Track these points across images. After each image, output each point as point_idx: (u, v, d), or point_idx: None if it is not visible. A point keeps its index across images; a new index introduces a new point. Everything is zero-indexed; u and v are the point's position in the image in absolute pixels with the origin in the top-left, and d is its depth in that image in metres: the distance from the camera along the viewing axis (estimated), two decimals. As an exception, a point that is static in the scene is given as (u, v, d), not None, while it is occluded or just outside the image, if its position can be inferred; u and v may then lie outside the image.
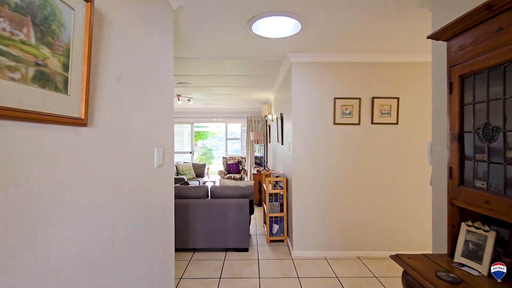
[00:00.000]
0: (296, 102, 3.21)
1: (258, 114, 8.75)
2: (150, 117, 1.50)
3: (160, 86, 1.65)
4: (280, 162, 4.56)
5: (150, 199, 1.49)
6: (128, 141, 1.23)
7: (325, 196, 3.22)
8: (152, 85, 1.52)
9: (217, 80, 4.61)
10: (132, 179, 1.28)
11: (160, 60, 1.64)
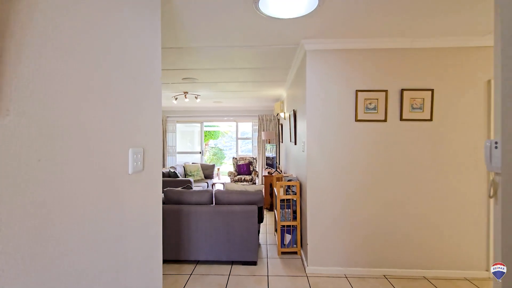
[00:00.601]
0: (311, 96, 2.80)
1: (269, 112, 8.36)
2: (121, 110, 1.14)
3: (139, 71, 1.30)
4: (293, 163, 4.15)
5: (120, 214, 1.14)
6: (75, 138, 0.88)
7: (346, 204, 2.79)
8: (124, 70, 1.17)
9: (225, 74, 4.26)
10: (80, 191, 0.92)
11: (134, 34, 1.28)
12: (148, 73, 1.39)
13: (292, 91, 4.23)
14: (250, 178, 6.97)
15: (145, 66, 1.37)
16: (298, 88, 3.48)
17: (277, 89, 5.47)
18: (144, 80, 1.35)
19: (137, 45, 1.29)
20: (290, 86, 4.51)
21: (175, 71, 4.03)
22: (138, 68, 1.29)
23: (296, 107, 3.71)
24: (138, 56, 1.29)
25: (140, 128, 1.30)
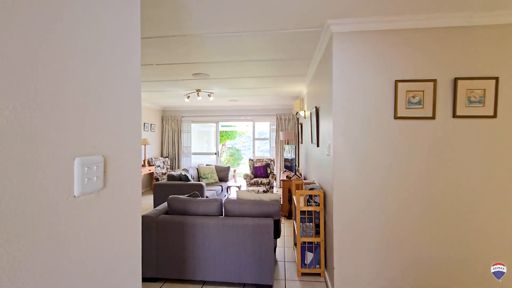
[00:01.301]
0: (338, 89, 2.31)
1: (288, 111, 7.87)
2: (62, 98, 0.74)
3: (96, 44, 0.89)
4: (315, 168, 3.65)
5: (56, 260, 0.73)
6: None
7: (383, 219, 2.27)
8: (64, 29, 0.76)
9: (239, 68, 3.85)
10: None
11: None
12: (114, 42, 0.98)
13: (314, 86, 3.74)
14: (267, 182, 6.52)
15: (111, 30, 0.96)
16: (322, 82, 2.99)
17: (296, 85, 4.99)
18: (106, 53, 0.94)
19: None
20: (311, 80, 4.02)
21: (184, 65, 3.67)
22: (94, 30, 0.88)
23: (319, 103, 3.22)
24: (97, 21, 0.89)
25: (99, 125, 0.90)
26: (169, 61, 3.48)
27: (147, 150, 7.31)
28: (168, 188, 4.68)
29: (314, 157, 3.75)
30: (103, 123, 0.92)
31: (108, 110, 0.95)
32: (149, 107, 7.55)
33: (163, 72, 4.04)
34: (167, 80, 4.57)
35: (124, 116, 1.03)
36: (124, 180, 1.04)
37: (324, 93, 2.81)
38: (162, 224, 2.63)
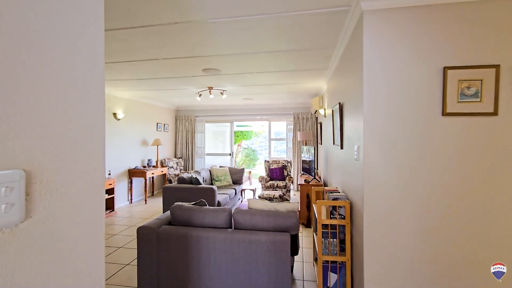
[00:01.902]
0: (370, 81, 1.90)
1: (306, 110, 7.43)
2: None
3: None
4: (338, 173, 3.23)
5: None
6: None
7: (429, 238, 1.84)
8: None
9: (252, 62, 3.49)
10: None
11: None
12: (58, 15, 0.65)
13: (336, 80, 3.32)
14: (284, 185, 6.12)
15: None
16: (346, 74, 2.58)
17: (315, 80, 4.57)
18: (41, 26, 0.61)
19: None
20: (333, 74, 3.59)
21: (192, 60, 3.37)
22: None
23: (343, 99, 2.80)
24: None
25: (20, 122, 0.57)
26: (175, 55, 3.18)
27: (160, 150, 7.13)
28: (178, 192, 4.41)
29: (336, 161, 3.32)
30: (28, 119, 0.59)
31: (40, 100, 0.61)
32: (162, 107, 7.38)
33: (171, 68, 3.76)
34: (177, 77, 4.30)
35: (73, 110, 0.70)
36: (70, 205, 0.70)
37: (350, 87, 2.40)
38: (163, 236, 2.32)
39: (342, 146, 2.84)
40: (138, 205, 5.86)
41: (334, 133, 3.37)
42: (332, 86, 3.74)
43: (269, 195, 5.03)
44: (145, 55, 3.19)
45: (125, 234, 4.00)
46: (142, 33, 2.54)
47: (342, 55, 2.84)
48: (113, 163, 5.46)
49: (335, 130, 3.26)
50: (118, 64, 3.56)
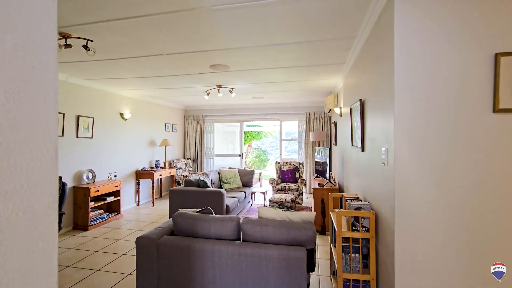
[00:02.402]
0: (403, 71, 1.60)
1: (319, 109, 7.11)
2: None
3: None
4: (358, 177, 2.92)
5: None
6: None
7: (476, 261, 1.52)
8: None
9: (262, 57, 3.23)
10: None
11: None
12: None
13: (356, 74, 3.02)
14: (296, 188, 5.83)
15: None
16: (370, 66, 2.28)
17: (330, 76, 4.26)
18: None
19: None
20: (352, 68, 3.28)
21: (199, 55, 3.14)
22: None
23: (365, 95, 2.50)
24: None
25: None
26: (180, 50, 2.96)
27: (168, 151, 6.97)
28: (185, 195, 4.20)
29: (355, 164, 3.02)
30: None
31: None
32: (171, 106, 7.22)
33: (177, 64, 3.55)
34: (183, 75, 4.09)
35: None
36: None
37: (375, 81, 2.10)
38: (164, 248, 2.09)
39: (364, 148, 2.54)
40: (145, 207, 5.70)
41: (353, 133, 3.07)
42: (351, 82, 3.43)
43: (280, 199, 4.75)
44: (149, 50, 2.99)
45: (130, 240, 3.81)
46: (144, 25, 2.33)
47: (363, 46, 2.54)
48: (119, 164, 5.32)
49: (355, 130, 2.96)
50: (122, 61, 3.37)
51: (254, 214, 5.13)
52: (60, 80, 4.07)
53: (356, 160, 2.99)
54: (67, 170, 4.21)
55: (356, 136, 2.88)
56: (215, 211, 4.10)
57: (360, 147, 2.64)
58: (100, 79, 4.34)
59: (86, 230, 4.19)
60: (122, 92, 5.36)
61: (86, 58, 3.25)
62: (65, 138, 4.16)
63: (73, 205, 4.29)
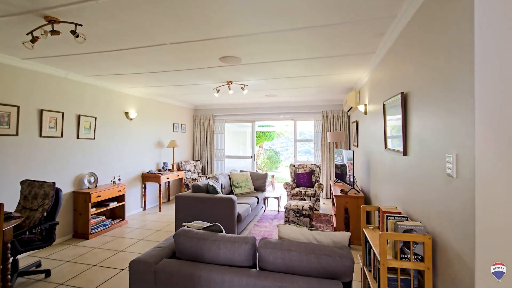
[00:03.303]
0: (488, 49, 1.14)
1: (336, 107, 6.62)
2: None
3: None
4: (397, 187, 2.45)
5: None
6: None
7: None
8: None
9: (279, 45, 2.81)
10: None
11: None
12: None
13: (394, 64, 2.55)
14: (313, 193, 5.37)
15: None
16: (420, 50, 1.82)
17: (354, 70, 3.79)
18: None
19: None
20: (385, 58, 2.81)
21: (207, 44, 2.74)
22: None
23: (410, 87, 2.03)
24: None
25: None
26: (185, 38, 2.57)
27: (176, 153, 6.64)
28: (192, 202, 3.82)
29: (392, 171, 2.54)
30: None
31: None
32: (179, 106, 6.89)
33: (183, 57, 3.17)
34: (191, 69, 3.71)
35: None
36: None
37: (430, 68, 1.64)
38: (163, 276, 1.70)
39: (407, 152, 2.07)
40: (151, 212, 5.37)
41: (388, 134, 2.60)
42: (382, 74, 2.96)
43: (297, 206, 4.31)
44: (150, 39, 2.61)
45: (132, 251, 3.46)
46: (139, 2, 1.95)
47: (404, 29, 2.08)
48: (124, 166, 5.00)
49: (390, 130, 2.49)
50: (122, 53, 3.02)
51: (267, 222, 4.71)
52: (58, 77, 3.77)
53: (392, 166, 2.52)
54: (67, 174, 3.90)
55: (393, 137, 2.41)
56: (225, 219, 3.70)
57: (400, 150, 2.18)
58: (103, 75, 4.02)
59: (86, 239, 3.87)
60: (127, 90, 5.04)
61: (82, 50, 2.91)
62: (64, 140, 3.85)
63: (73, 212, 3.98)
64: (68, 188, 3.92)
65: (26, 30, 2.28)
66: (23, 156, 3.34)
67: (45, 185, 2.89)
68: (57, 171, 3.75)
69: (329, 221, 4.72)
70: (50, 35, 2.10)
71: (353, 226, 3.66)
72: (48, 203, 2.82)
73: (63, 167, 3.84)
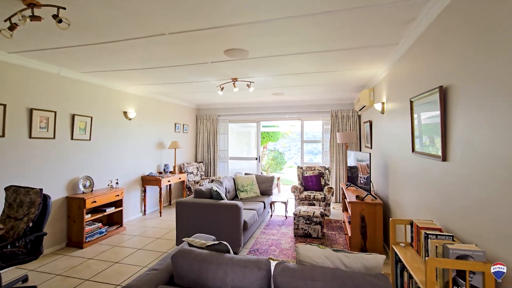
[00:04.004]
0: None
1: (345, 107, 6.30)
2: None
3: None
4: (431, 197, 2.13)
5: None
6: None
7: None
8: None
9: (293, 35, 2.50)
10: None
11: None
12: None
13: (428, 54, 2.23)
14: (322, 197, 5.05)
15: None
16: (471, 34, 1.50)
17: (370, 65, 3.47)
18: None
19: None
20: (412, 48, 2.49)
21: (211, 34, 2.44)
22: None
23: (452, 79, 1.71)
24: None
25: None
26: (186, 27, 2.27)
27: (178, 154, 6.35)
28: (194, 209, 3.52)
29: (421, 176, 2.22)
30: None
31: None
32: (181, 105, 6.60)
33: (184, 50, 2.87)
34: (193, 64, 3.41)
35: None
36: None
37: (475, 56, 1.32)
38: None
39: (446, 156, 1.76)
40: (151, 217, 5.08)
41: (416, 135, 2.28)
42: (408, 67, 2.64)
43: (307, 213, 3.99)
44: (147, 28, 2.32)
45: (129, 263, 3.17)
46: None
47: (443, 12, 1.76)
48: (123, 169, 4.71)
49: (421, 131, 2.17)
50: (118, 46, 2.73)
51: (275, 229, 4.40)
52: (50, 73, 3.49)
53: (422, 171, 2.19)
54: (60, 178, 3.62)
55: (423, 138, 2.09)
56: (230, 227, 3.39)
57: (436, 155, 1.86)
58: (98, 71, 3.74)
59: (81, 248, 3.59)
60: (125, 88, 4.76)
61: (74, 42, 2.62)
62: (56, 141, 3.57)
63: (66, 219, 3.70)
64: (61, 193, 3.64)
65: (4, 17, 2.00)
66: (11, 159, 3.06)
67: (31, 192, 2.60)
68: (49, 175, 3.47)
69: (341, 228, 4.39)
70: (29, 20, 1.82)
71: (369, 234, 3.34)
72: (34, 212, 2.54)
73: (56, 170, 3.56)
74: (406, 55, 2.63)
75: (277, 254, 3.44)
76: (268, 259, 1.65)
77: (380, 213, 3.33)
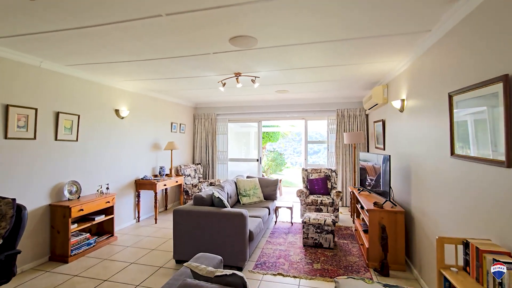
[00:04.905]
0: None
1: (353, 105, 5.98)
2: None
3: None
4: (488, 210, 1.79)
5: None
6: None
7: None
8: None
9: (306, 19, 2.14)
10: None
11: None
12: None
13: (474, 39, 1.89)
14: (330, 202, 4.71)
15: None
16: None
17: (388, 57, 3.14)
18: None
19: None
20: (451, 32, 2.14)
21: (214, 16, 2.07)
22: None
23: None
24: None
25: None
26: (186, 7, 1.90)
27: (175, 156, 5.95)
28: (194, 218, 3.14)
29: (466, 184, 1.88)
30: None
31: None
32: (178, 103, 6.21)
33: (184, 37, 2.49)
34: (193, 55, 3.03)
35: None
36: None
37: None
38: None
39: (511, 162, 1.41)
40: (146, 225, 4.68)
41: (455, 135, 1.94)
42: (444, 57, 2.30)
43: (317, 221, 3.64)
44: (142, 9, 1.94)
45: (121, 281, 2.78)
46: None
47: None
48: (114, 173, 4.31)
49: (471, 129, 1.83)
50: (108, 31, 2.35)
51: (281, 238, 4.04)
52: (30, 65, 3.08)
53: (469, 179, 1.85)
54: (41, 184, 3.21)
55: (473, 139, 1.75)
56: (234, 238, 3.02)
57: (499, 160, 1.51)
58: (86, 64, 3.34)
59: (65, 263, 3.19)
60: (117, 84, 4.36)
61: (55, 26, 2.23)
62: (38, 142, 3.17)
63: (50, 229, 3.29)
64: (43, 200, 3.23)
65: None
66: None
67: (2, 202, 2.20)
68: (29, 180, 3.06)
69: (353, 236, 4.05)
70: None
71: (390, 246, 3.00)
72: (5, 227, 2.14)
73: (37, 175, 3.15)
74: (440, 43, 2.29)
75: (287, 268, 3.08)
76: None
77: (402, 222, 3.00)
